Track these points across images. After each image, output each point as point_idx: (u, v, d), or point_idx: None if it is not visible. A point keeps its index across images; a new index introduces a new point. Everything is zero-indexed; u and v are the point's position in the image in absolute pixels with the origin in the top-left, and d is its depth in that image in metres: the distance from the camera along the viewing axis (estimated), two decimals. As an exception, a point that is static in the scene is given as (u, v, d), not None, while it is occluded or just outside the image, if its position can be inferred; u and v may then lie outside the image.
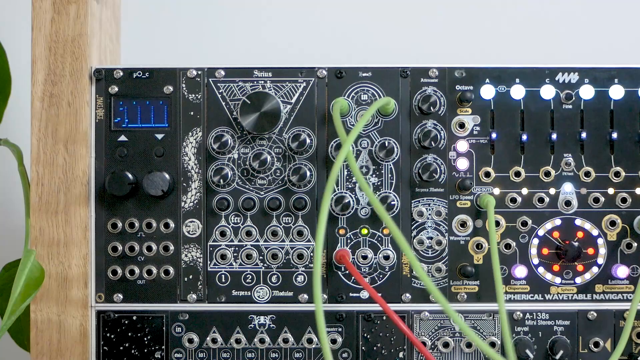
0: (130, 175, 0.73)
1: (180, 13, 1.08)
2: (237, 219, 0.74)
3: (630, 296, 0.74)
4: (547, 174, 0.74)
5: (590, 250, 0.74)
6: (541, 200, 0.74)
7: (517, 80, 0.74)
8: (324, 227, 0.59)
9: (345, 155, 0.63)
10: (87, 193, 0.73)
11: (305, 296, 0.74)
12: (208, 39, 1.08)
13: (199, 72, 0.74)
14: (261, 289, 0.74)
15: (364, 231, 0.74)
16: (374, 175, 0.74)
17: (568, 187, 0.74)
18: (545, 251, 0.74)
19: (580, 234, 0.74)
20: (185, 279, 0.74)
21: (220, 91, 0.74)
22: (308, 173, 0.73)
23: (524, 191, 0.74)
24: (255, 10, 1.08)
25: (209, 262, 0.74)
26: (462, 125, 0.74)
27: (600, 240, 0.74)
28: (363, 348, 0.74)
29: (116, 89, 0.74)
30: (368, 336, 0.74)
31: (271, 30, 1.08)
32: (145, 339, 0.74)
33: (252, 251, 0.74)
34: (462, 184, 0.73)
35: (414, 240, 0.74)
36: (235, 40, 1.08)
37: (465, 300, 0.74)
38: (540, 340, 0.74)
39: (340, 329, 0.74)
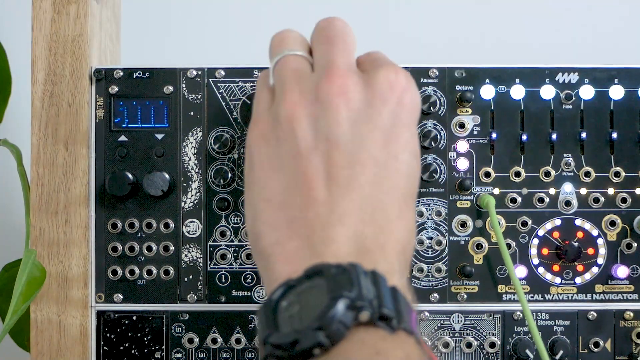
0: (130, 175, 0.73)
1: (180, 13, 1.08)
2: (237, 219, 0.74)
3: (630, 296, 0.74)
4: (547, 174, 0.74)
5: (590, 251, 0.74)
6: (541, 200, 0.74)
7: (517, 80, 0.74)
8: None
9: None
10: (87, 193, 0.73)
11: (305, 296, 0.74)
12: (208, 39, 1.08)
13: (199, 72, 0.74)
14: (261, 289, 0.74)
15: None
16: (374, 175, 0.74)
17: (568, 187, 0.74)
18: (545, 251, 0.74)
19: (580, 234, 0.74)
20: (185, 279, 0.74)
21: (220, 91, 0.74)
22: (308, 173, 0.73)
23: (524, 191, 0.74)
24: (255, 10, 1.08)
25: (209, 262, 0.74)
26: (462, 125, 0.74)
27: (600, 240, 0.74)
28: (363, 348, 0.74)
29: (116, 89, 0.74)
30: (368, 336, 0.74)
31: (271, 30, 1.07)
32: (145, 339, 0.74)
33: (252, 251, 0.74)
34: (462, 184, 0.73)
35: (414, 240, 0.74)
36: (235, 40, 1.08)
37: (465, 300, 0.74)
38: (540, 340, 0.74)
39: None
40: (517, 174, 0.74)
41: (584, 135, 0.74)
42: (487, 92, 0.74)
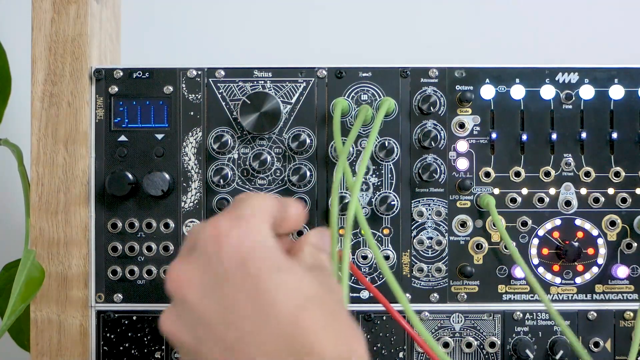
0: (130, 175, 0.73)
1: (180, 13, 1.08)
2: (237, 219, 0.74)
3: (630, 296, 0.74)
4: (547, 174, 0.74)
5: (590, 250, 0.74)
6: (541, 200, 0.74)
7: (517, 80, 0.74)
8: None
9: (342, 171, 0.63)
10: (87, 193, 0.73)
11: (305, 296, 0.74)
12: (208, 39, 1.08)
13: (199, 72, 0.74)
14: (261, 289, 0.74)
15: (364, 231, 0.74)
16: (374, 176, 0.74)
17: (568, 187, 0.74)
18: (545, 251, 0.74)
19: (580, 234, 0.74)
20: (185, 279, 0.74)
21: (220, 91, 0.74)
22: (308, 173, 0.73)
23: (524, 191, 0.74)
24: (255, 10, 1.08)
25: (209, 262, 0.74)
26: (462, 125, 0.74)
27: (600, 240, 0.74)
28: (363, 348, 0.74)
29: (116, 89, 0.74)
30: (368, 336, 0.74)
31: (271, 30, 1.08)
32: (145, 339, 0.74)
33: (252, 251, 0.74)
34: (462, 184, 0.73)
35: (414, 240, 0.74)
36: (235, 40, 1.08)
37: (465, 300, 0.74)
38: (540, 340, 0.74)
39: (340, 329, 0.74)
40: (517, 174, 0.74)
41: (584, 135, 0.74)
42: (487, 92, 0.74)
